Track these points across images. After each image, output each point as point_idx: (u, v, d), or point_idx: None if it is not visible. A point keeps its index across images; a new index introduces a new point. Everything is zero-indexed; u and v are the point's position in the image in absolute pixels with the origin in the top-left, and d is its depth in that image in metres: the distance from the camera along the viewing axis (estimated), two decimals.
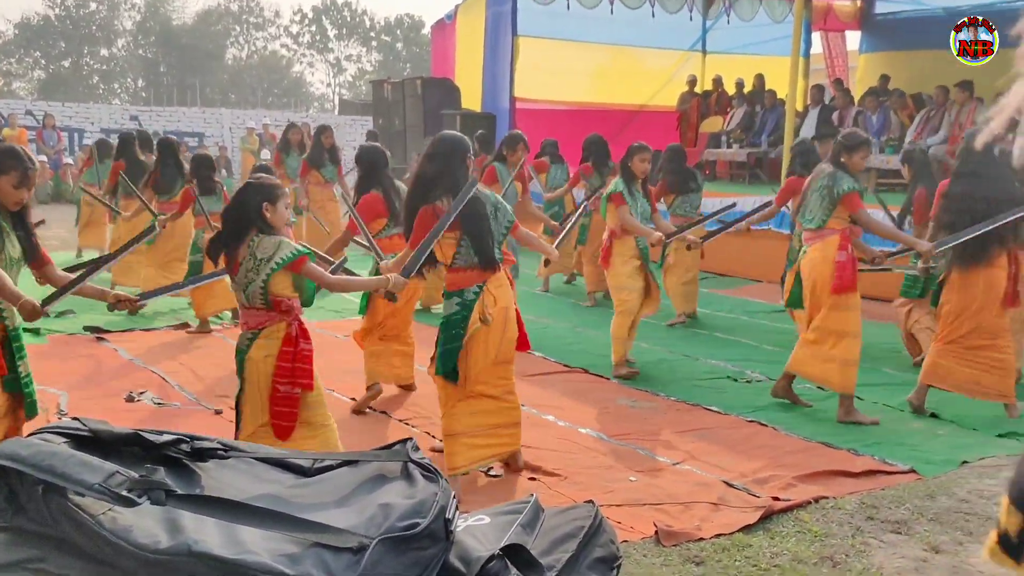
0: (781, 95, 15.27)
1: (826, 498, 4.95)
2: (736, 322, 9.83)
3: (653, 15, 17.85)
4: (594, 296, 10.48)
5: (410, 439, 2.96)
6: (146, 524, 2.48)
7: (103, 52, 54.30)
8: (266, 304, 4.46)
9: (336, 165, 12.57)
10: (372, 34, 60.87)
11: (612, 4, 17.32)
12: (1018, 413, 6.49)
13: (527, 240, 5.66)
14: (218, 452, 2.90)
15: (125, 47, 55.12)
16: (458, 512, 2.73)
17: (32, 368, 4.46)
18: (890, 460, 5.58)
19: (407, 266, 4.92)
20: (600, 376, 7.51)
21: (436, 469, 2.82)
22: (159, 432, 2.88)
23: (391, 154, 7.56)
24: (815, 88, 15.45)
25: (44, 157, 21.66)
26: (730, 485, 5.15)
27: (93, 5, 52.49)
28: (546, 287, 11.59)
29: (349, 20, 60.35)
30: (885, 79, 15.43)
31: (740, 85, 17.23)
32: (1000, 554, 2.59)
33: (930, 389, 6.62)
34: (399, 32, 60.61)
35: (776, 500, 4.87)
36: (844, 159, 6.38)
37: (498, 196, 5.35)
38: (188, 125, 26.72)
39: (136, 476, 2.62)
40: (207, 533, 2.46)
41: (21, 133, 22.14)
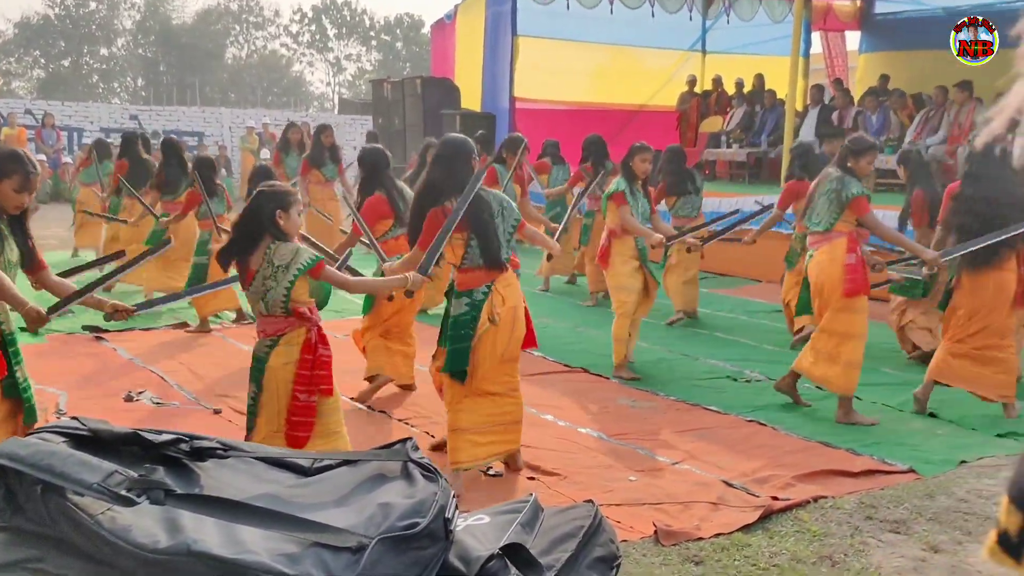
0: (781, 95, 15.26)
1: (825, 498, 4.95)
2: (736, 322, 9.83)
3: (653, 15, 17.85)
4: (596, 296, 10.46)
5: (410, 439, 2.96)
6: (145, 524, 2.48)
7: (103, 51, 54.27)
8: (286, 312, 4.45)
9: (336, 164, 12.57)
10: (372, 33, 60.85)
11: (612, 4, 17.32)
12: (1016, 413, 6.49)
13: (532, 237, 5.67)
14: (217, 452, 2.90)
15: (125, 46, 55.11)
16: (457, 511, 2.73)
17: (31, 367, 4.44)
18: (889, 460, 5.58)
19: (423, 264, 4.93)
20: (600, 376, 7.51)
21: (436, 469, 2.82)
22: (158, 431, 2.88)
23: (391, 154, 7.56)
24: (815, 88, 15.45)
25: (43, 156, 21.66)
26: (729, 485, 5.15)
27: (93, 4, 52.46)
28: (546, 286, 11.58)
29: (349, 19, 60.34)
30: (885, 79, 15.42)
31: (740, 85, 17.22)
32: (1000, 553, 2.59)
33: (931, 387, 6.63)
34: (399, 31, 60.59)
35: (775, 500, 4.87)
36: (851, 163, 6.38)
37: (504, 195, 5.39)
38: (188, 124, 26.69)
39: (135, 475, 2.62)
40: (206, 533, 2.46)
41: (20, 132, 22.11)
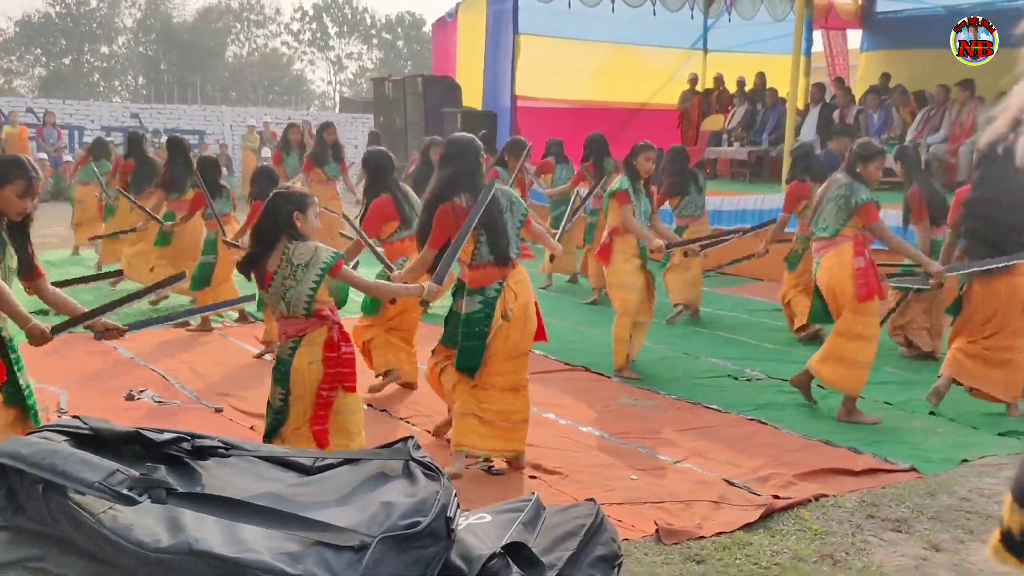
0: (782, 93, 15.24)
1: (826, 496, 4.95)
2: (737, 320, 9.82)
3: (654, 13, 17.81)
4: (599, 291, 10.41)
5: (411, 437, 2.97)
6: (147, 522, 2.48)
7: (104, 50, 54.26)
8: (308, 312, 4.46)
9: (339, 162, 12.55)
10: (373, 32, 60.84)
11: (613, 2, 17.28)
12: (1019, 412, 6.49)
13: (537, 235, 5.69)
14: (219, 450, 2.90)
15: (126, 44, 55.10)
16: (459, 510, 2.73)
17: (31, 366, 4.43)
18: (890, 458, 5.57)
19: (438, 273, 4.97)
20: (601, 374, 7.50)
21: (437, 467, 2.82)
22: (160, 430, 2.88)
23: (393, 152, 7.57)
24: (816, 86, 15.42)
25: (44, 155, 21.63)
26: (731, 483, 5.15)
27: (94, 2, 52.46)
28: (549, 282, 11.57)
29: (350, 18, 60.33)
30: (886, 77, 15.40)
31: (741, 83, 17.19)
32: (1003, 552, 2.59)
33: (929, 387, 6.61)
34: (400, 30, 60.57)
35: (776, 498, 4.87)
36: (860, 169, 6.35)
37: (511, 191, 5.43)
38: (189, 123, 26.63)
39: (137, 474, 2.62)
40: (208, 531, 2.46)
41: (22, 131, 22.07)
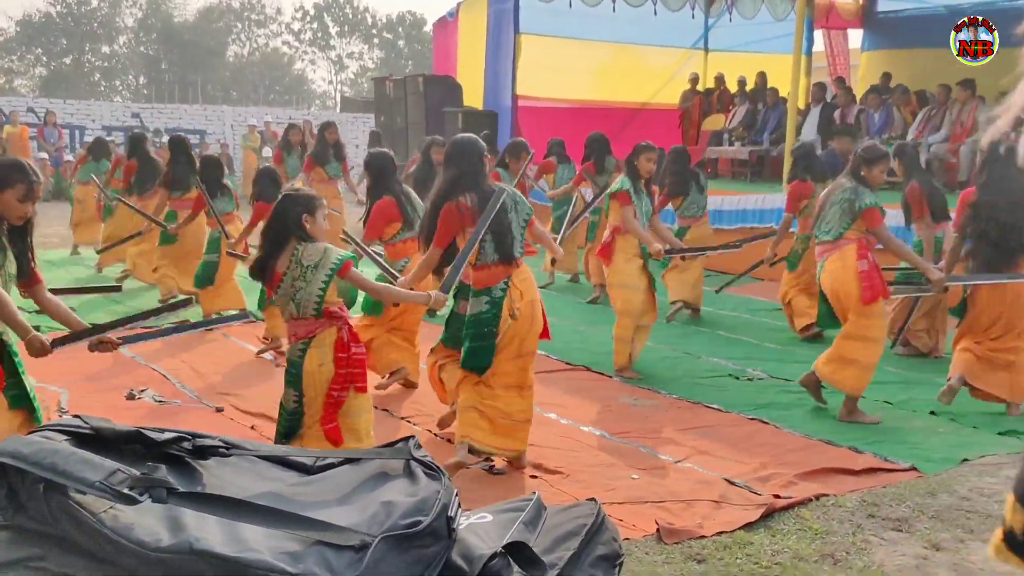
0: (783, 93, 15.22)
1: (827, 496, 4.95)
2: (738, 320, 9.82)
3: (655, 13, 17.79)
4: (600, 288, 10.36)
5: (412, 437, 2.97)
6: (147, 522, 2.48)
7: (104, 49, 54.24)
8: (317, 313, 4.46)
9: (340, 162, 12.55)
10: (374, 31, 60.81)
11: (614, 2, 17.25)
12: (1019, 412, 6.49)
13: (539, 236, 5.70)
14: (220, 450, 2.90)
15: (127, 44, 55.07)
16: (460, 510, 2.73)
17: (33, 365, 4.42)
18: (891, 458, 5.57)
19: (445, 282, 4.99)
20: (602, 374, 7.50)
21: (438, 467, 2.82)
22: (161, 430, 2.88)
23: (394, 152, 7.59)
24: (817, 86, 15.41)
25: (45, 154, 21.65)
26: (731, 483, 5.15)
27: (95, 2, 52.43)
28: (551, 280, 11.55)
29: (351, 17, 60.30)
30: (887, 77, 15.38)
31: (742, 83, 17.18)
32: (1006, 552, 2.58)
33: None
34: (401, 29, 60.54)
35: (777, 498, 4.87)
36: (864, 172, 6.33)
37: (515, 190, 5.44)
38: (190, 122, 26.61)
39: (138, 474, 2.62)
40: (209, 531, 2.46)
41: (23, 130, 22.08)
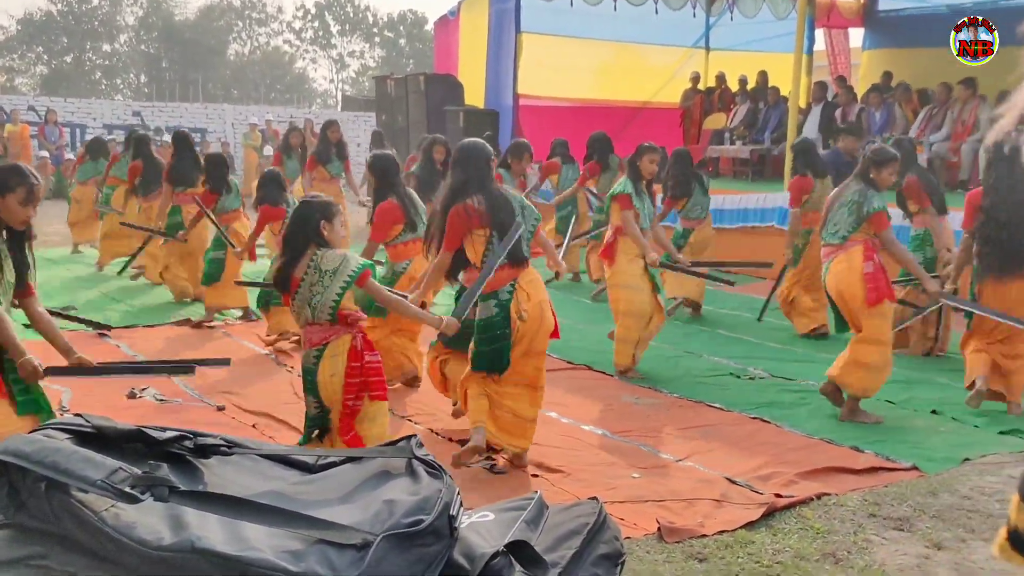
0: (784, 92, 15.21)
1: (828, 495, 4.95)
2: (739, 319, 9.81)
3: (656, 12, 17.77)
4: (602, 282, 10.33)
5: (414, 436, 2.97)
6: (149, 520, 2.48)
7: (105, 48, 54.23)
8: (332, 319, 4.49)
9: (343, 160, 12.55)
10: (375, 30, 60.79)
11: (615, 1, 17.26)
12: (1020, 410, 6.49)
13: (544, 247, 5.71)
14: (221, 448, 2.90)
15: (127, 43, 55.07)
16: (462, 509, 2.73)
17: None
18: (892, 457, 5.57)
19: (458, 308, 5.05)
20: (603, 373, 7.50)
21: (440, 466, 2.82)
22: (162, 428, 2.88)
23: (395, 151, 7.62)
24: (818, 85, 15.39)
25: (46, 153, 21.65)
26: (733, 482, 5.15)
27: (95, 0, 52.45)
28: (558, 277, 11.52)
29: (352, 16, 60.29)
30: (888, 76, 15.37)
31: (743, 82, 17.16)
32: (1010, 551, 2.59)
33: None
34: (402, 28, 60.53)
35: (779, 497, 4.87)
36: (873, 175, 6.30)
37: (523, 197, 5.48)
38: (191, 121, 26.60)
39: (139, 472, 2.62)
40: (210, 530, 2.46)
41: (23, 129, 22.09)
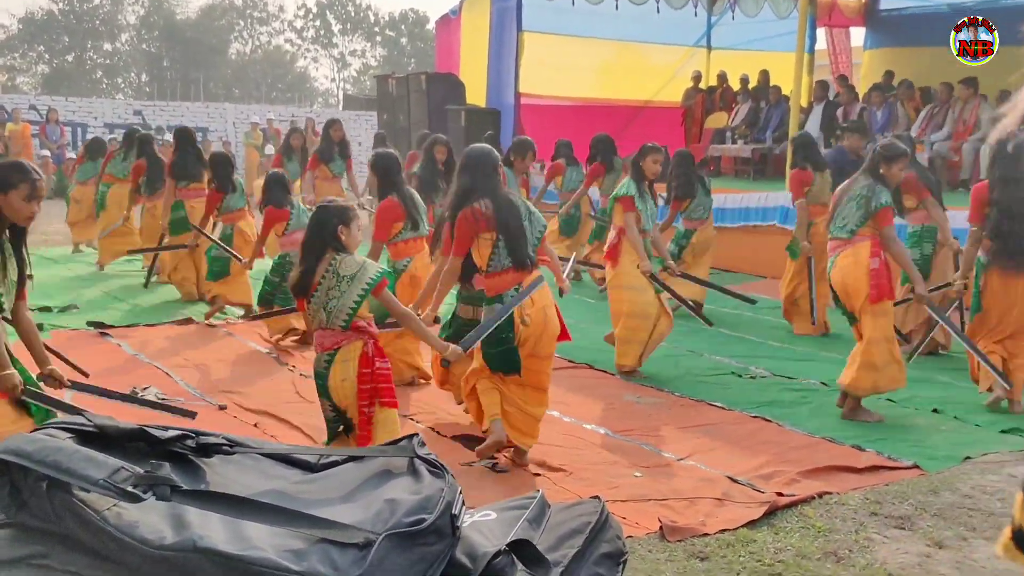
0: (786, 91, 15.22)
1: (830, 494, 4.95)
2: (741, 318, 9.81)
3: (658, 11, 17.76)
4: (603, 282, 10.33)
5: (416, 435, 2.97)
6: (151, 520, 2.48)
7: (107, 47, 54.26)
8: (345, 325, 4.51)
9: (345, 159, 12.56)
10: (376, 29, 60.80)
11: (617, 0, 17.29)
12: (1021, 408, 6.49)
13: (550, 258, 5.72)
14: (223, 448, 2.90)
15: (129, 42, 55.10)
16: (464, 508, 2.73)
17: (35, 364, 4.44)
18: (894, 456, 5.57)
19: (465, 340, 5.11)
20: (605, 372, 7.51)
21: (443, 465, 2.82)
22: (164, 427, 2.88)
23: (396, 150, 7.62)
24: (819, 84, 15.38)
25: (47, 152, 21.65)
26: (734, 481, 5.15)
27: (96, 0, 52.48)
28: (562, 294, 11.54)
29: (353, 15, 60.31)
30: (889, 75, 15.37)
31: (745, 81, 17.16)
32: (1014, 550, 2.59)
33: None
34: (403, 27, 60.54)
35: (780, 496, 4.88)
36: (883, 170, 6.29)
37: (530, 204, 5.51)
38: (192, 120, 26.58)
39: (141, 472, 2.62)
40: (212, 529, 2.46)
41: (25, 128, 22.10)
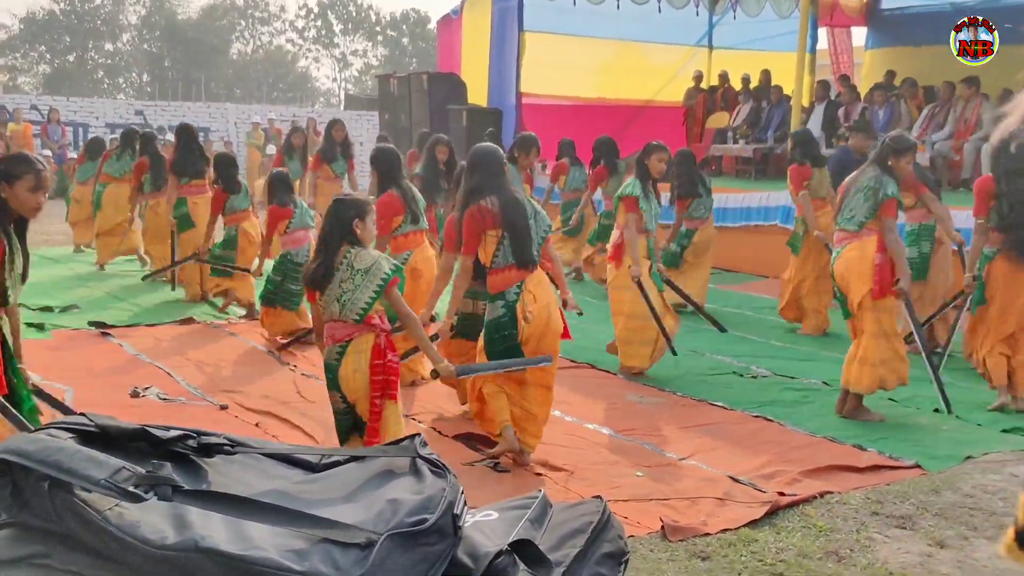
0: (787, 91, 15.21)
1: (831, 493, 4.95)
2: (742, 317, 9.81)
3: (659, 10, 17.75)
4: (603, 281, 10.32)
5: (418, 435, 2.97)
6: (153, 520, 2.48)
7: (108, 47, 54.33)
8: (359, 319, 4.53)
9: (347, 159, 12.54)
10: (378, 29, 60.85)
11: (618, 0, 17.29)
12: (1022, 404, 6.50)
13: (554, 262, 5.72)
14: (225, 448, 2.90)
15: (130, 42, 55.17)
16: (466, 507, 2.73)
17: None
18: (895, 455, 5.57)
19: (462, 368, 5.19)
20: (607, 372, 7.51)
21: (444, 465, 2.82)
22: (166, 428, 2.88)
23: (399, 150, 7.61)
24: (820, 84, 15.36)
25: (49, 152, 21.65)
26: (736, 480, 5.15)
27: (98, 0, 52.51)
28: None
29: (355, 15, 60.35)
30: (891, 75, 15.36)
31: (746, 81, 17.14)
32: (1017, 551, 2.59)
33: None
34: (405, 27, 60.59)
35: (782, 495, 4.88)
36: (891, 162, 6.29)
37: (536, 203, 5.53)
38: (193, 120, 26.39)
39: (143, 472, 2.62)
40: (214, 529, 2.46)
41: (26, 128, 22.09)
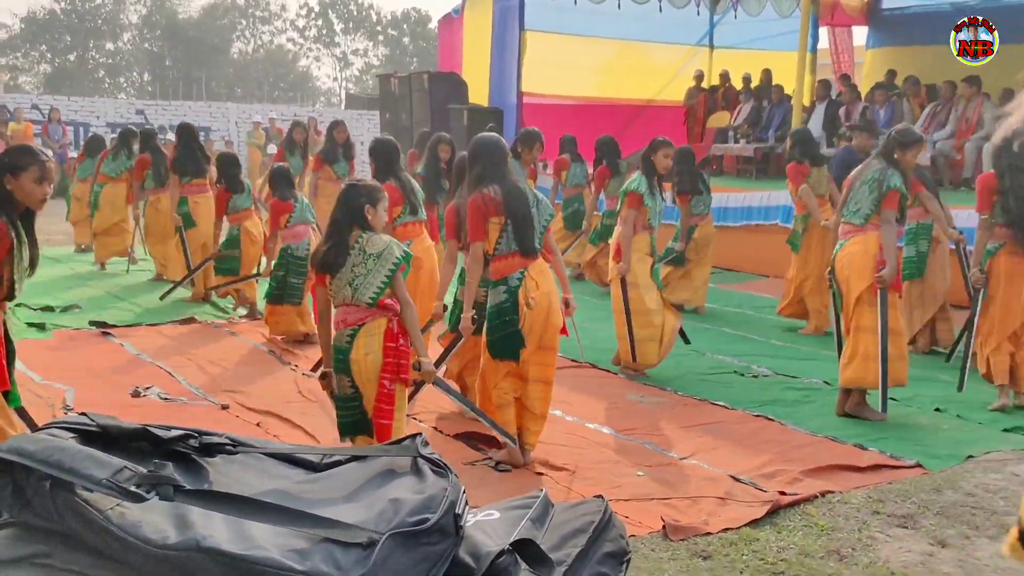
0: (788, 90, 15.21)
1: (833, 492, 4.95)
2: (743, 317, 9.81)
3: (660, 10, 17.73)
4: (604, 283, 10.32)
5: (419, 434, 2.97)
6: (154, 519, 2.48)
7: (109, 46, 54.37)
8: (371, 302, 4.54)
9: (349, 160, 12.51)
10: (379, 28, 60.89)
11: None
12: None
13: (554, 254, 5.68)
14: (226, 447, 2.91)
15: (131, 41, 55.20)
16: (467, 507, 2.73)
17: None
18: (896, 454, 5.57)
19: (438, 379, 5.19)
20: (608, 371, 7.50)
21: (446, 464, 2.82)
22: (167, 427, 2.89)
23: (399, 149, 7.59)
24: (821, 83, 15.35)
25: (50, 151, 21.64)
26: (737, 480, 5.15)
27: None
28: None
29: (355, 14, 60.37)
30: (892, 74, 15.36)
31: (747, 80, 17.13)
32: (1020, 550, 2.58)
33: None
34: (406, 26, 60.60)
35: (783, 494, 4.87)
36: (898, 155, 6.27)
37: (538, 192, 5.53)
38: (194, 119, 26.36)
39: (144, 471, 2.62)
40: (216, 528, 2.46)
41: (27, 127, 22.10)
